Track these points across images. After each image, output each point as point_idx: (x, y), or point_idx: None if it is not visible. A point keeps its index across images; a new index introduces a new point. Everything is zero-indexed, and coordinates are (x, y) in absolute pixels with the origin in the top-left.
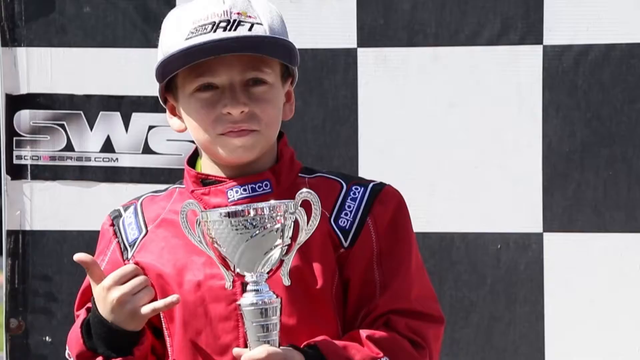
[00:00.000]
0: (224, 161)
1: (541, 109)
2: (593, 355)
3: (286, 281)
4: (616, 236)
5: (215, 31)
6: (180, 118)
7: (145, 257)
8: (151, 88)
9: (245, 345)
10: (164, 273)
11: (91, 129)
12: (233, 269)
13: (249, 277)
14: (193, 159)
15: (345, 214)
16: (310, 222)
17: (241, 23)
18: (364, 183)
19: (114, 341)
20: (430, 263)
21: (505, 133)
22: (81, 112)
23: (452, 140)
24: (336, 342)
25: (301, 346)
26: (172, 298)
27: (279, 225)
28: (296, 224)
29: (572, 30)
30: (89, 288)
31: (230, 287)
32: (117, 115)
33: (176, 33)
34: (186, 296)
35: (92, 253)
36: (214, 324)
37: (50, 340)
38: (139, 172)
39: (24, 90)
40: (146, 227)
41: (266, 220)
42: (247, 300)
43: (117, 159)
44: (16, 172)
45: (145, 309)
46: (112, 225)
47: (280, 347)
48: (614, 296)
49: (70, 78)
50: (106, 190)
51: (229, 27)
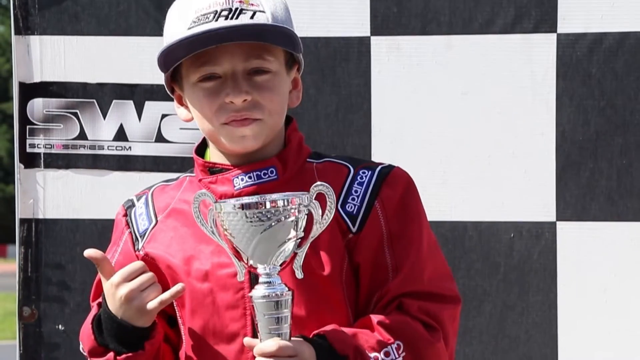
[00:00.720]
0: (228, 150)
1: (555, 97)
2: (606, 343)
3: (299, 274)
4: (629, 225)
5: (217, 20)
6: (187, 108)
7: (155, 248)
8: (164, 76)
9: (254, 334)
10: (172, 264)
11: (104, 118)
12: (246, 261)
13: (261, 269)
14: (202, 148)
15: (352, 199)
16: (324, 215)
17: (243, 11)
18: (372, 166)
19: (124, 336)
20: (442, 252)
21: (518, 122)
22: (94, 101)
23: (465, 129)
24: (345, 330)
25: (311, 335)
26: (177, 287)
27: (293, 218)
28: (309, 216)
29: (586, 18)
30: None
31: (242, 279)
32: (130, 103)
33: (179, 22)
34: (194, 285)
35: (105, 241)
36: (221, 312)
37: (63, 328)
38: (151, 161)
39: (37, 78)
40: (156, 217)
41: (281, 213)
42: (259, 292)
43: (130, 147)
44: (29, 161)
45: (152, 304)
46: (125, 215)
47: (291, 339)
48: (627, 285)
49: (83, 66)
50: (119, 178)
51: (230, 16)
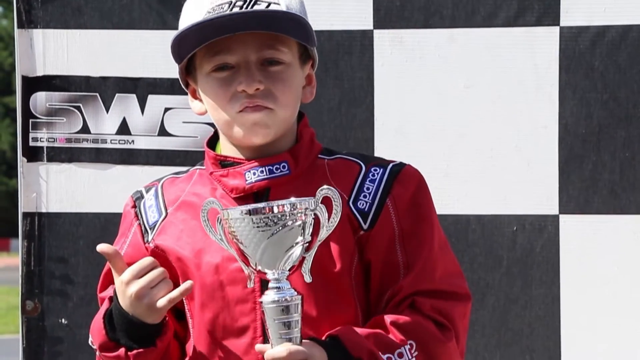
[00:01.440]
0: (241, 142)
1: (558, 90)
2: (609, 336)
3: (308, 278)
4: (632, 218)
5: (231, 9)
6: (201, 101)
7: (165, 241)
8: (167, 70)
9: (263, 329)
10: (183, 256)
11: (107, 111)
12: (254, 267)
13: (270, 275)
14: (213, 141)
15: (364, 196)
16: (331, 219)
17: (257, 2)
18: (384, 164)
19: (135, 332)
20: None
21: (521, 115)
22: (97, 94)
23: (468, 122)
24: (358, 331)
25: (323, 337)
26: (186, 284)
27: (300, 222)
28: (317, 220)
29: (589, 11)
30: (110, 270)
31: (252, 286)
32: (133, 97)
33: (195, 12)
34: (204, 278)
35: (108, 235)
36: (231, 306)
37: (66, 322)
38: (154, 155)
39: (40, 72)
40: (166, 210)
41: (287, 217)
42: (269, 297)
43: (133, 141)
44: (32, 154)
45: (161, 302)
46: (134, 207)
47: (302, 342)
48: (630, 278)
49: (86, 60)
50: (122, 172)
51: (245, 6)
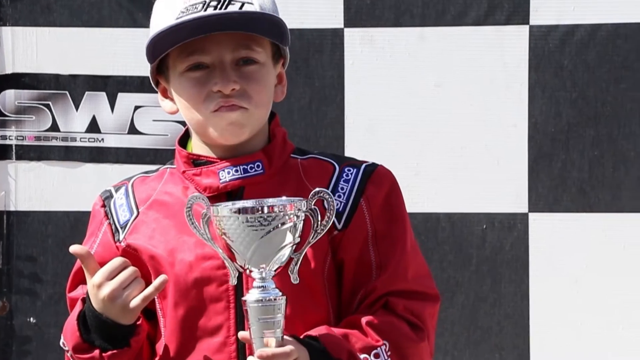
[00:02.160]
0: (215, 142)
1: (527, 89)
2: (577, 334)
3: (295, 279)
4: (601, 216)
5: (205, 10)
6: (172, 100)
7: (137, 239)
8: (137, 68)
9: (237, 328)
10: (156, 255)
11: (77, 109)
12: (243, 264)
13: (256, 274)
14: (184, 140)
15: (339, 196)
16: (324, 221)
17: (231, 2)
18: (357, 164)
19: (109, 333)
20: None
21: (491, 113)
22: (67, 92)
23: (438, 121)
24: (336, 332)
25: (301, 336)
26: (160, 279)
27: (291, 223)
28: (307, 221)
29: (558, 10)
30: (81, 270)
31: (234, 283)
32: (103, 95)
33: (167, 12)
34: (178, 277)
35: (77, 233)
36: (204, 304)
37: (34, 321)
38: (124, 153)
39: (9, 69)
40: (137, 209)
41: (280, 218)
42: (253, 296)
43: (103, 139)
44: (1, 153)
45: (134, 302)
46: (104, 206)
47: (285, 340)
48: (598, 275)
49: (55, 58)
50: (92, 170)
51: (219, 6)
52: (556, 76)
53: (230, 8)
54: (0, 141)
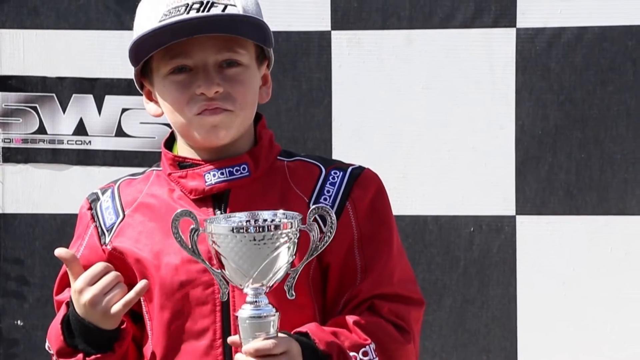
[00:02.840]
0: (200, 144)
1: (514, 91)
2: (565, 336)
3: (291, 295)
4: (588, 218)
5: (188, 13)
6: (156, 103)
7: (123, 242)
8: (124, 70)
9: (223, 331)
10: (141, 258)
11: (64, 112)
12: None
13: (249, 290)
14: (170, 142)
15: (325, 199)
16: (324, 237)
17: (214, 4)
18: (343, 167)
19: (93, 338)
20: (403, 246)
21: (478, 116)
22: (54, 95)
23: (426, 123)
24: (325, 329)
25: (292, 332)
26: (141, 284)
27: (293, 239)
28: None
29: (545, 13)
30: (67, 273)
31: (225, 299)
32: (90, 97)
33: (150, 15)
34: (164, 279)
35: (64, 236)
36: (190, 307)
37: (21, 324)
38: (112, 155)
39: None
40: (123, 211)
41: (277, 239)
42: (246, 313)
43: (90, 141)
44: None
45: (116, 308)
46: (90, 209)
47: (277, 336)
48: (586, 278)
49: (42, 60)
50: (79, 173)
51: (202, 9)
52: (543, 79)
53: (213, 10)
54: None
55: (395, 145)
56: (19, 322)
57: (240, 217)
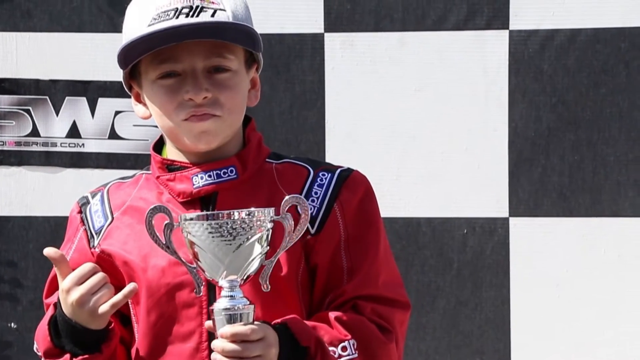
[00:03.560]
0: (188, 148)
1: (507, 93)
2: (558, 338)
3: (266, 287)
4: (581, 220)
5: (177, 17)
6: (144, 105)
7: (111, 245)
8: (117, 73)
9: (208, 332)
10: (129, 260)
11: (57, 114)
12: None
13: (224, 283)
14: (159, 145)
15: (312, 201)
16: (297, 228)
17: (204, 9)
18: (331, 169)
19: (80, 338)
20: (396, 248)
21: (471, 118)
22: (47, 97)
23: (419, 125)
24: (306, 322)
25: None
26: (130, 287)
27: (265, 232)
28: (277, 226)
29: (538, 15)
30: (57, 276)
31: (200, 294)
32: (83, 100)
33: (139, 19)
34: (151, 282)
35: (58, 239)
36: (177, 310)
37: (15, 326)
38: (105, 158)
39: None
40: (112, 215)
41: (250, 229)
42: (221, 305)
43: (83, 144)
44: None
45: (103, 308)
46: (80, 212)
47: (255, 323)
48: (579, 280)
49: (35, 63)
50: (72, 176)
51: (191, 14)
52: (536, 81)
53: (202, 15)
54: None
55: (388, 147)
56: (13, 325)
57: (216, 214)
